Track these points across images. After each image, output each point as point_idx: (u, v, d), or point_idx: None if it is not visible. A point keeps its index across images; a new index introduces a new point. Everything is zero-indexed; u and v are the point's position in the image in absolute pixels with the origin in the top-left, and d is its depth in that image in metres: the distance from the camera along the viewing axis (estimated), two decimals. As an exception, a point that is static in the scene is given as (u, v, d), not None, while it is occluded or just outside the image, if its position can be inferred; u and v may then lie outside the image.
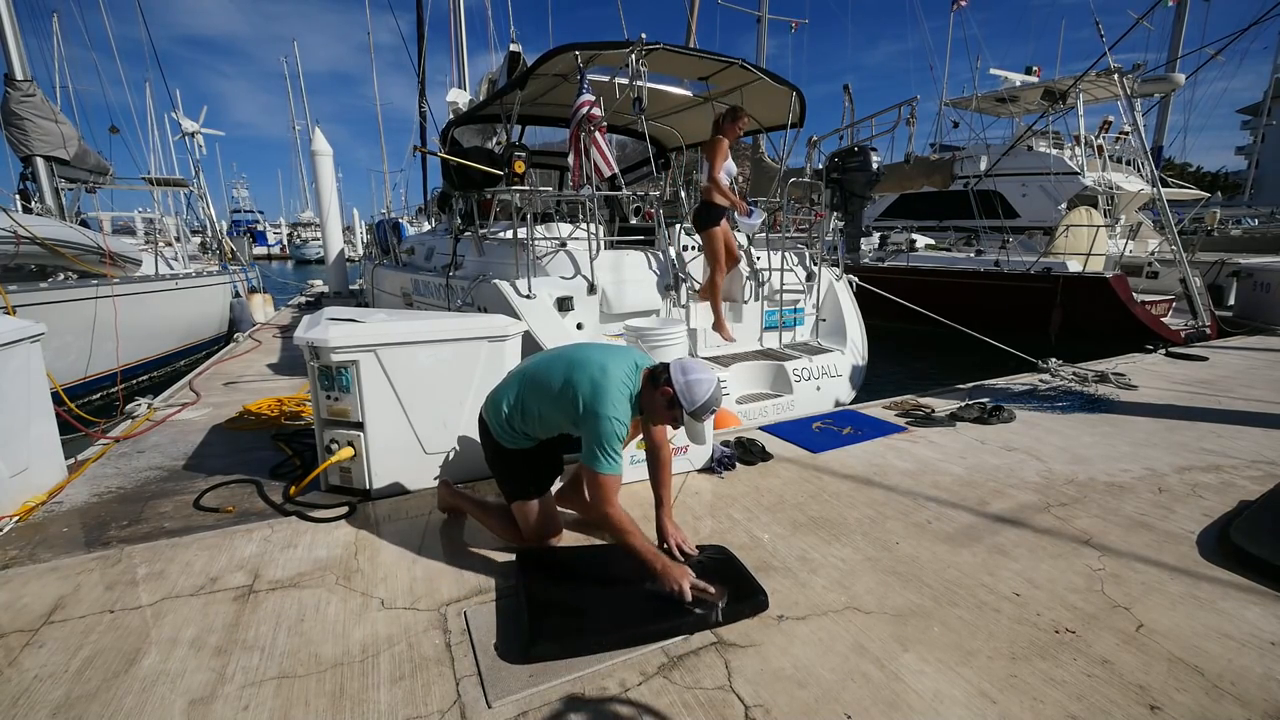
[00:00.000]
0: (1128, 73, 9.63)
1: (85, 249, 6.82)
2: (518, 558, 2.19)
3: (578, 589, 2.00)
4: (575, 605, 1.90)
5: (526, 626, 1.78)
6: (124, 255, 7.67)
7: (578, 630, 1.78)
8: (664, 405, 2.04)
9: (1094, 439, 3.51)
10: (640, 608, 1.90)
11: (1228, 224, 15.33)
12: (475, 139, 7.00)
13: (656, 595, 1.92)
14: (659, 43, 4.59)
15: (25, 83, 7.84)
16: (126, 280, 7.46)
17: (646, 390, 2.08)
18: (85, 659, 1.72)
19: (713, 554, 2.20)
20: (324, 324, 2.69)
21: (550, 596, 1.93)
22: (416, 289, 6.47)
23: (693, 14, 11.56)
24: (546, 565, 2.14)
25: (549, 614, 1.83)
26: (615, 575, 2.07)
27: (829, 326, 5.73)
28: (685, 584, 1.91)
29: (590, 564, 2.21)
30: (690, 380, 2.01)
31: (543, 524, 2.25)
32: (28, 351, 2.79)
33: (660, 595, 1.91)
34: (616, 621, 1.83)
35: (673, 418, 2.07)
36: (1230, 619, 1.88)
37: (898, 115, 5.45)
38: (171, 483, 3.05)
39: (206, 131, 12.77)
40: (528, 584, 1.99)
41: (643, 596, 1.94)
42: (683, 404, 2.00)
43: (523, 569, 2.08)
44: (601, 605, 1.92)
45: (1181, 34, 18.21)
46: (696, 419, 2.06)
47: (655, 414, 2.11)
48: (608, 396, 1.98)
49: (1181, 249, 7.49)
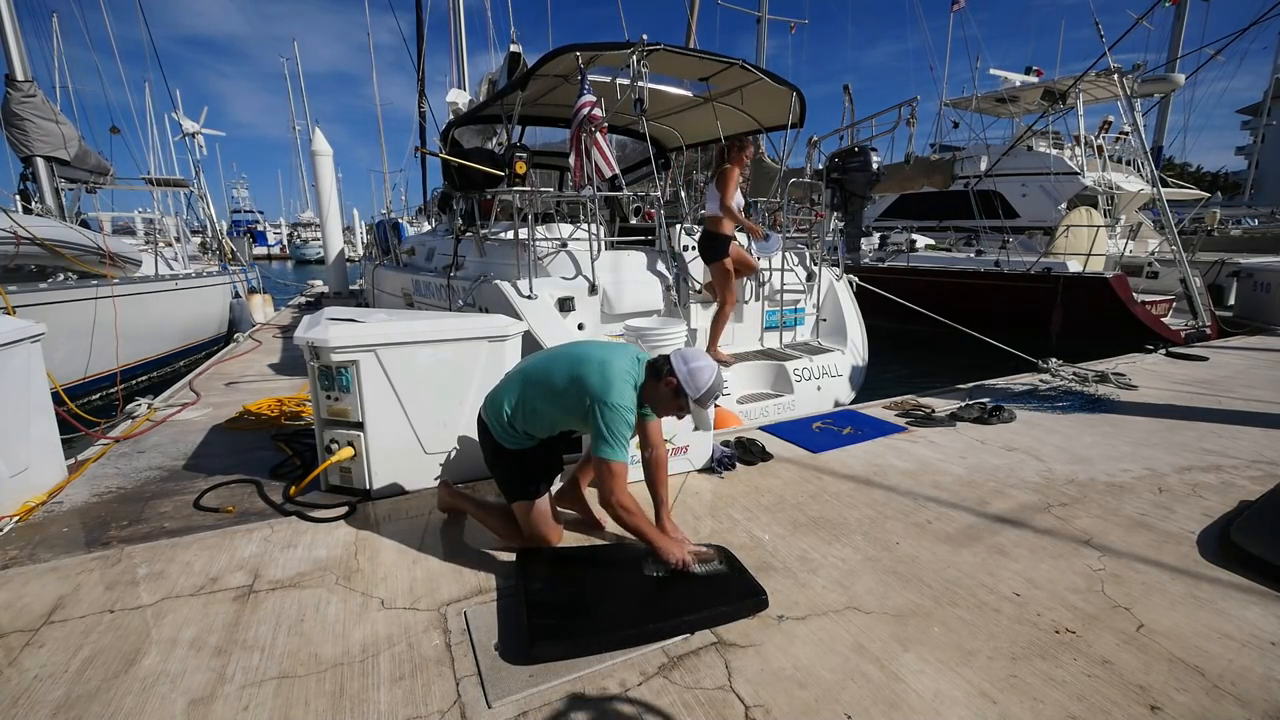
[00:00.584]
0: (1128, 73, 9.63)
1: (85, 249, 6.83)
2: (518, 558, 2.19)
3: (578, 589, 2.01)
4: (576, 605, 1.90)
5: (526, 627, 1.78)
6: (124, 256, 7.68)
7: (578, 631, 1.78)
8: (669, 395, 2.08)
9: (1094, 439, 3.51)
10: (640, 608, 1.90)
11: (1227, 224, 15.33)
12: (476, 139, 7.00)
13: (656, 596, 1.93)
14: (660, 43, 4.59)
15: (26, 83, 7.84)
16: (126, 281, 7.46)
17: (650, 383, 2.11)
18: (85, 659, 1.72)
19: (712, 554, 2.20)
20: (324, 324, 2.69)
21: (551, 597, 1.93)
22: (417, 289, 6.47)
23: (692, 14, 11.55)
24: (547, 565, 2.14)
25: (549, 614, 1.83)
26: (616, 575, 2.08)
27: (829, 326, 5.73)
28: (685, 554, 2.00)
29: (591, 564, 2.21)
30: (693, 368, 2.06)
31: (542, 524, 2.25)
32: (28, 351, 2.79)
33: (660, 596, 1.92)
34: (616, 622, 1.83)
35: (679, 406, 2.11)
36: (1230, 619, 1.88)
37: (898, 115, 5.45)
38: (171, 483, 3.05)
39: (207, 132, 12.77)
40: (528, 584, 1.99)
41: (642, 597, 1.94)
42: (688, 392, 2.05)
43: (523, 569, 2.08)
44: (602, 605, 1.92)
45: (1181, 34, 18.23)
46: (702, 406, 2.10)
47: (661, 405, 2.15)
48: (614, 387, 2.02)
49: (1181, 249, 7.49)
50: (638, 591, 1.97)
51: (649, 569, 2.04)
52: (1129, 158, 13.08)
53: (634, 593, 1.97)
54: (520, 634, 1.78)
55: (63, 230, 6.71)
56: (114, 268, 7.22)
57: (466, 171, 4.87)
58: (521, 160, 4.82)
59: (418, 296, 6.48)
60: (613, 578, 2.07)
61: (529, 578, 2.03)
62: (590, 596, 1.97)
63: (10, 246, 5.83)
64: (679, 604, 1.89)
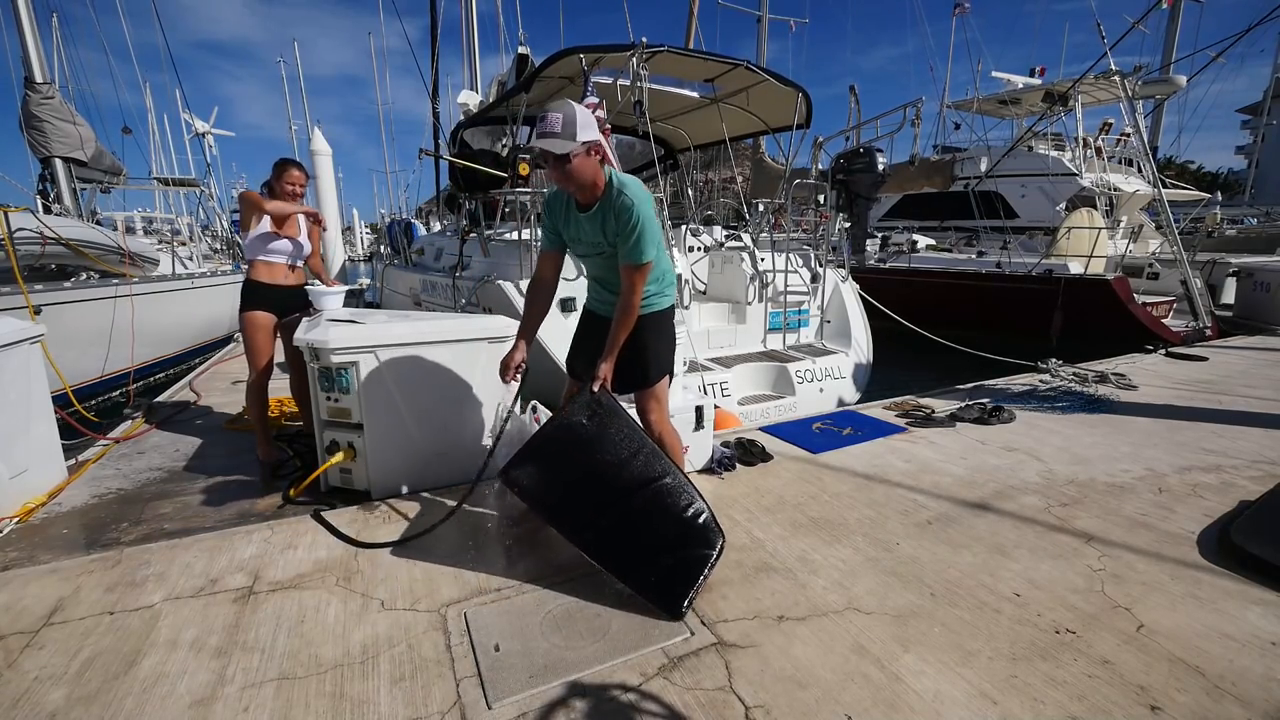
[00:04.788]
0: (1129, 75, 9.65)
1: (106, 249, 6.88)
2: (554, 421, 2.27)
3: (575, 472, 2.16)
4: (559, 479, 2.13)
5: (521, 451, 2.11)
6: (143, 255, 7.74)
7: (544, 500, 2.11)
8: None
9: (1094, 439, 3.51)
10: (604, 532, 2.06)
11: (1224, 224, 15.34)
12: (485, 141, 7.03)
13: (621, 527, 2.08)
14: (664, 45, 4.60)
15: (45, 85, 7.92)
16: (145, 280, 7.51)
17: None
18: (85, 660, 1.72)
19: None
20: (324, 325, 2.70)
21: (550, 456, 2.14)
22: (425, 289, 6.49)
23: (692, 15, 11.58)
24: (568, 434, 2.21)
25: (537, 466, 2.11)
26: (610, 480, 2.16)
27: (834, 328, 5.73)
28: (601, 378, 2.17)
29: (599, 466, 2.20)
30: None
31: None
32: (28, 353, 2.79)
33: (625, 531, 2.08)
34: (576, 523, 2.07)
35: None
36: (1231, 619, 1.88)
37: (903, 116, 5.46)
38: (172, 483, 3.05)
39: (218, 132, 12.84)
40: (549, 429, 2.19)
41: (615, 521, 2.08)
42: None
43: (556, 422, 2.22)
44: (577, 497, 2.12)
45: (1175, 37, 18.30)
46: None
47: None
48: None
49: (1182, 250, 7.49)
50: (612, 511, 2.09)
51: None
52: (1129, 157, 13.09)
53: (608, 509, 2.09)
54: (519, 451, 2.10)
55: (84, 230, 6.77)
56: (133, 267, 7.26)
57: (470, 172, 4.88)
58: (525, 161, 4.84)
59: (424, 296, 6.49)
60: (606, 480, 2.15)
61: (555, 426, 2.19)
62: (576, 483, 2.14)
63: (36, 246, 5.88)
64: (628, 548, 2.03)
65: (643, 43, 4.43)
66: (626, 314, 2.16)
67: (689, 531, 2.09)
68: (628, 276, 2.13)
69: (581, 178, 2.07)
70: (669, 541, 2.06)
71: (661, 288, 2.32)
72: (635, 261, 2.10)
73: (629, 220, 2.05)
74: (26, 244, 5.75)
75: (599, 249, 2.22)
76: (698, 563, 2.03)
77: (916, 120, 5.42)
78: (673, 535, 2.08)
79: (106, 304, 6.62)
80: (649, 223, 2.07)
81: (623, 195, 2.08)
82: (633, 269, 2.11)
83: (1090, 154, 11.68)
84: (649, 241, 2.08)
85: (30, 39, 7.74)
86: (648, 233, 2.07)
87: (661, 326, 2.35)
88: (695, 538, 2.08)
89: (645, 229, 2.06)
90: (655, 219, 2.13)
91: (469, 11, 10.87)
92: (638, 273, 2.11)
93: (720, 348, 5.27)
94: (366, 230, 29.01)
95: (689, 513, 2.11)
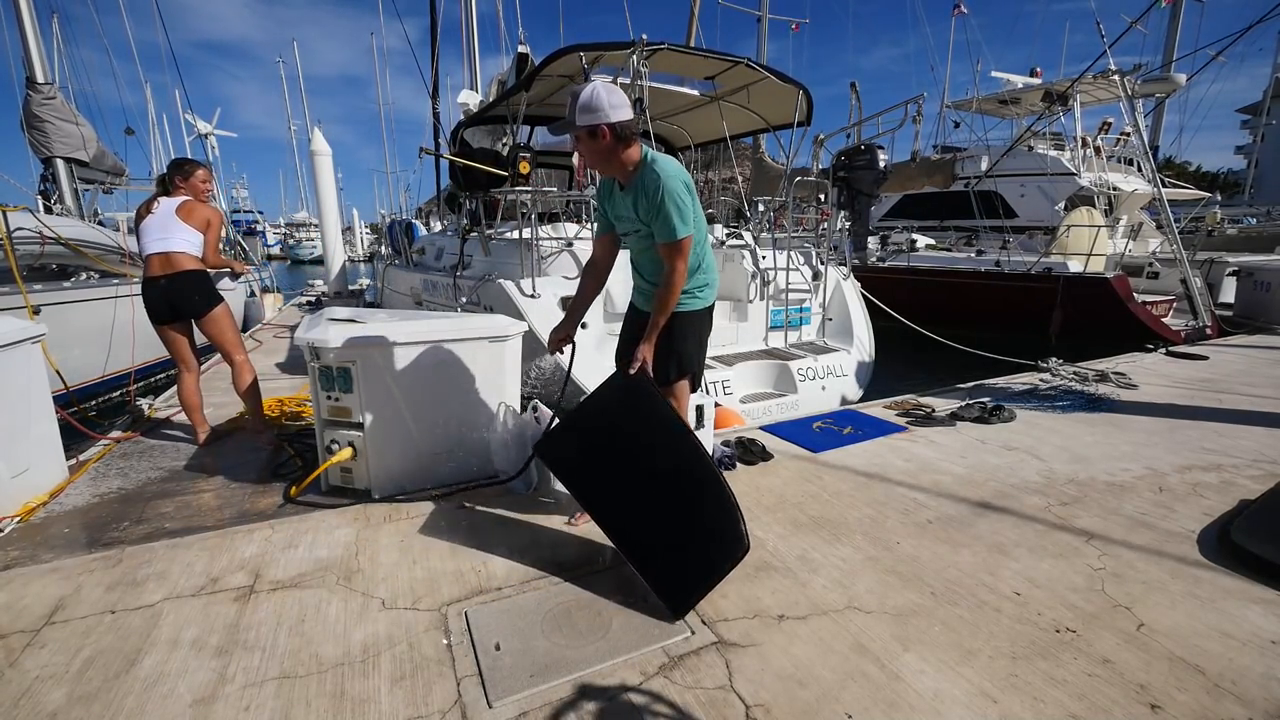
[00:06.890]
0: (1128, 74, 9.64)
1: (106, 249, 6.87)
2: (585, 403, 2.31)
3: (606, 453, 2.18)
4: (591, 462, 2.18)
5: (551, 428, 2.29)
6: None
7: (578, 479, 2.17)
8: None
9: (1094, 438, 3.51)
10: (633, 514, 2.08)
11: (1223, 223, 15.35)
12: (485, 140, 7.03)
13: (651, 511, 2.09)
14: (664, 43, 4.60)
15: (46, 85, 7.92)
16: None
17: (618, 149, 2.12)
18: (86, 660, 1.72)
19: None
20: (324, 324, 2.70)
21: (583, 437, 2.20)
22: (425, 289, 6.49)
23: (693, 15, 11.58)
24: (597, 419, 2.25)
25: (569, 448, 2.21)
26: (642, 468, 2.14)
27: (836, 326, 5.72)
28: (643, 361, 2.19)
29: (631, 449, 2.20)
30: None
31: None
32: (28, 352, 2.79)
33: (653, 517, 2.08)
34: (606, 511, 2.11)
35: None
36: (1231, 618, 1.88)
37: (904, 113, 5.46)
38: (172, 483, 3.05)
39: (220, 133, 12.83)
40: (576, 411, 2.26)
41: (645, 502, 2.09)
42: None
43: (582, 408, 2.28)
44: (609, 479, 2.14)
45: (1176, 36, 18.29)
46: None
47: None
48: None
49: (1182, 249, 7.49)
50: (642, 495, 2.09)
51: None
52: (1130, 156, 13.09)
53: (639, 494, 2.10)
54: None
55: (85, 230, 6.77)
56: (133, 267, 7.25)
57: (471, 171, 4.88)
58: (525, 160, 4.84)
59: (425, 295, 6.49)
60: (638, 467, 2.14)
61: (581, 412, 2.25)
62: (608, 464, 2.16)
63: (36, 246, 5.87)
64: (659, 534, 2.03)
65: (643, 40, 4.43)
66: (668, 293, 2.15)
67: (718, 536, 2.02)
68: (667, 257, 2.13)
69: (591, 157, 2.12)
70: (697, 540, 2.01)
71: (695, 287, 2.31)
72: (668, 239, 2.09)
73: (656, 195, 2.05)
74: (25, 243, 5.74)
75: (635, 227, 2.24)
76: (716, 569, 1.99)
77: (918, 117, 5.42)
78: (700, 536, 2.02)
79: (106, 304, 6.61)
80: (678, 199, 2.05)
81: (651, 170, 2.08)
82: (668, 247, 2.11)
83: (1089, 153, 11.69)
84: (680, 217, 2.06)
85: (31, 39, 7.76)
86: (677, 208, 2.05)
87: (690, 328, 2.34)
88: (722, 543, 2.01)
89: (674, 204, 2.05)
90: (689, 197, 2.10)
91: (469, 11, 10.89)
92: (675, 250, 2.10)
93: (722, 346, 5.26)
94: (367, 230, 29.06)
95: (724, 517, 2.03)
